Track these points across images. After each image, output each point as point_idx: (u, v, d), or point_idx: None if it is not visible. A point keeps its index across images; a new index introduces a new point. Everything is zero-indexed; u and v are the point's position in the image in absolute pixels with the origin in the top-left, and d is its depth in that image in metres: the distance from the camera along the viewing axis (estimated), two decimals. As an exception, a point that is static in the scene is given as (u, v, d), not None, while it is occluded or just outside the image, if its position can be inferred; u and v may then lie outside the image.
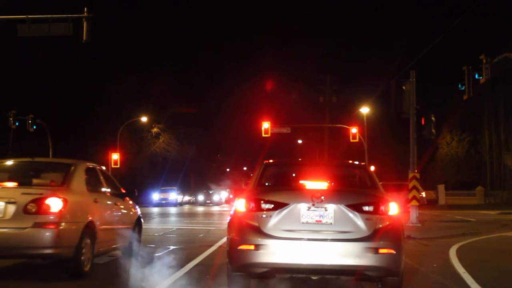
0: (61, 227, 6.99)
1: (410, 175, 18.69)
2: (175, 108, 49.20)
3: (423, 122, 19.76)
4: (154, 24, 66.24)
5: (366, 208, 5.93)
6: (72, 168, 7.97)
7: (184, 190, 61.88)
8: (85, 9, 18.48)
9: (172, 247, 11.21)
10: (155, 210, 36.52)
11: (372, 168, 28.01)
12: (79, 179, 7.92)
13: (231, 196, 58.35)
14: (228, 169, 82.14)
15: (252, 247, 5.83)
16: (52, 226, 6.92)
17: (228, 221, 6.40)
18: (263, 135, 34.68)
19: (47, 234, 6.90)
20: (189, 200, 65.24)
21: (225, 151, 74.02)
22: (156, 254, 9.89)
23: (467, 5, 55.13)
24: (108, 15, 46.05)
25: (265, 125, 34.50)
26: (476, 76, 18.90)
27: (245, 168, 76.03)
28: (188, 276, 7.58)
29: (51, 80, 43.39)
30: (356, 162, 7.90)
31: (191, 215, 29.92)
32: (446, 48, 48.63)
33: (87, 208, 7.75)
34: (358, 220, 5.87)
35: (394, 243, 5.87)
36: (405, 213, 17.57)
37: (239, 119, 64.91)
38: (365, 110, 36.71)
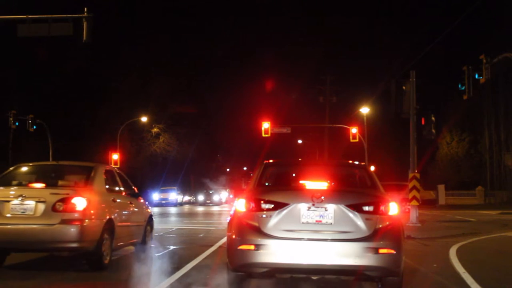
0: (85, 224, 7.69)
1: (410, 175, 18.68)
2: (175, 108, 49.13)
3: (423, 122, 19.78)
4: (154, 24, 66.27)
5: (366, 208, 5.93)
6: (93, 170, 8.71)
7: (184, 190, 61.77)
8: (85, 9, 18.48)
9: (172, 247, 11.22)
10: (155, 210, 36.33)
11: (372, 168, 28.00)
12: (99, 180, 8.65)
13: (231, 196, 58.29)
14: (228, 169, 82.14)
15: (252, 247, 5.83)
16: (77, 223, 7.63)
17: (228, 221, 6.40)
18: (263, 135, 34.64)
19: (73, 230, 7.60)
20: (189, 200, 65.09)
21: (225, 151, 74.13)
22: (157, 254, 9.96)
23: (467, 5, 55.15)
24: (108, 15, 46.12)
25: (265, 125, 34.45)
26: (476, 76, 18.91)
27: (245, 168, 75.96)
28: (188, 276, 7.58)
29: (51, 80, 43.37)
30: (356, 162, 7.88)
31: (191, 215, 29.90)
32: (446, 48, 48.69)
33: (106, 207, 8.45)
34: (358, 220, 5.87)
35: (394, 243, 5.87)
36: (402, 213, 17.53)
37: (239, 119, 64.88)
38: (365, 110, 36.67)
